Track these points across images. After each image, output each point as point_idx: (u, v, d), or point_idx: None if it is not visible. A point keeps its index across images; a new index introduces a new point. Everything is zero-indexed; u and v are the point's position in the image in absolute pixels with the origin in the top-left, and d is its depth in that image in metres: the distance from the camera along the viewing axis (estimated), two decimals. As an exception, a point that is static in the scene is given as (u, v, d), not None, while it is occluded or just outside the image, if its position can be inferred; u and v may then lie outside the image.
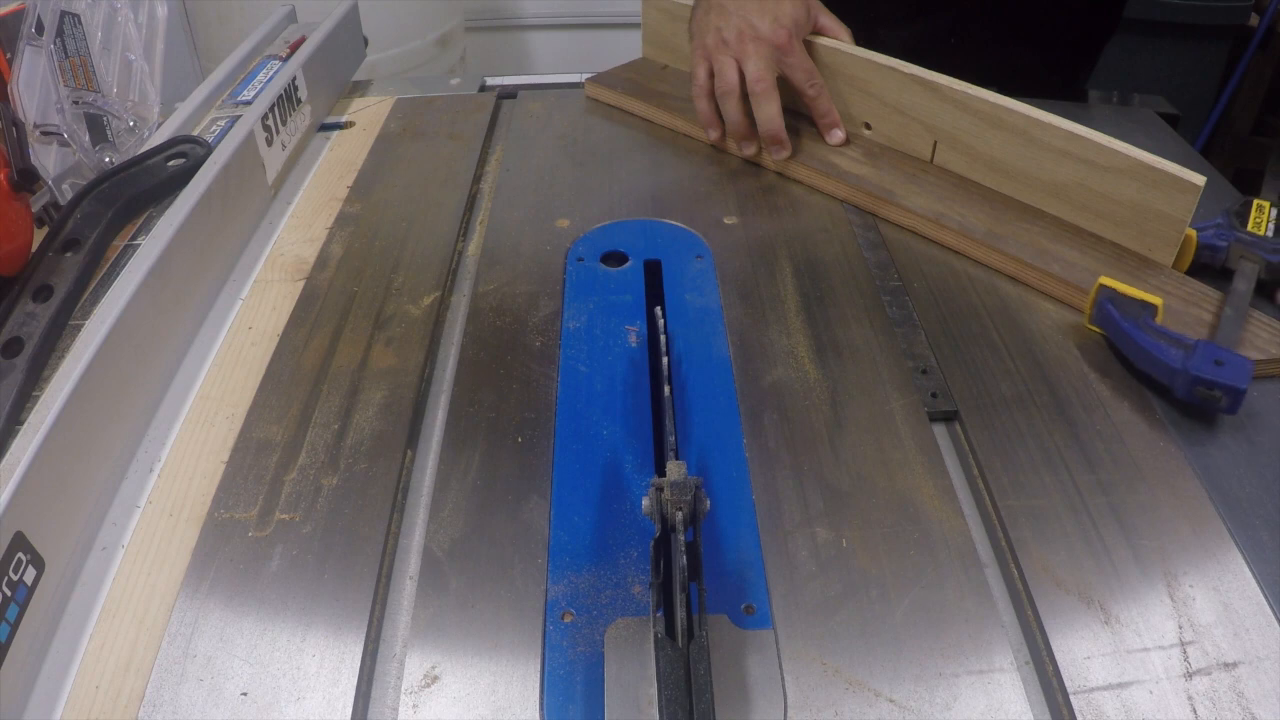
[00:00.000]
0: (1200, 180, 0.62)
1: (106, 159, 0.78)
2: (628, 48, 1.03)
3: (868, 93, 0.79)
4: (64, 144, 0.76)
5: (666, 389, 0.53)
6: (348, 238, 0.71)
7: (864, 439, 0.53)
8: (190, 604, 0.44)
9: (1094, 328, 0.61)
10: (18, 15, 0.75)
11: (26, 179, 0.68)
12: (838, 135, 0.81)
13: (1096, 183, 0.68)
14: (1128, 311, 0.58)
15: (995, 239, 0.68)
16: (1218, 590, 0.45)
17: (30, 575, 0.42)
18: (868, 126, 0.81)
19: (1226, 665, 0.42)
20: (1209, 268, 0.66)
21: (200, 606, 0.44)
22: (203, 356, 0.60)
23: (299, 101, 0.82)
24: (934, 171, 0.77)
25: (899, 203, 0.73)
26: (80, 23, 0.78)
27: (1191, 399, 0.54)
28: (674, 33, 0.93)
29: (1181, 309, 0.62)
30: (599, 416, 0.55)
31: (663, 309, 0.61)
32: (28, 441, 0.44)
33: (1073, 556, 0.47)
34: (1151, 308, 0.58)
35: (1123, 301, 0.59)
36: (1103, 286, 0.60)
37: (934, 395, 0.57)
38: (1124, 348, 0.58)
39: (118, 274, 0.56)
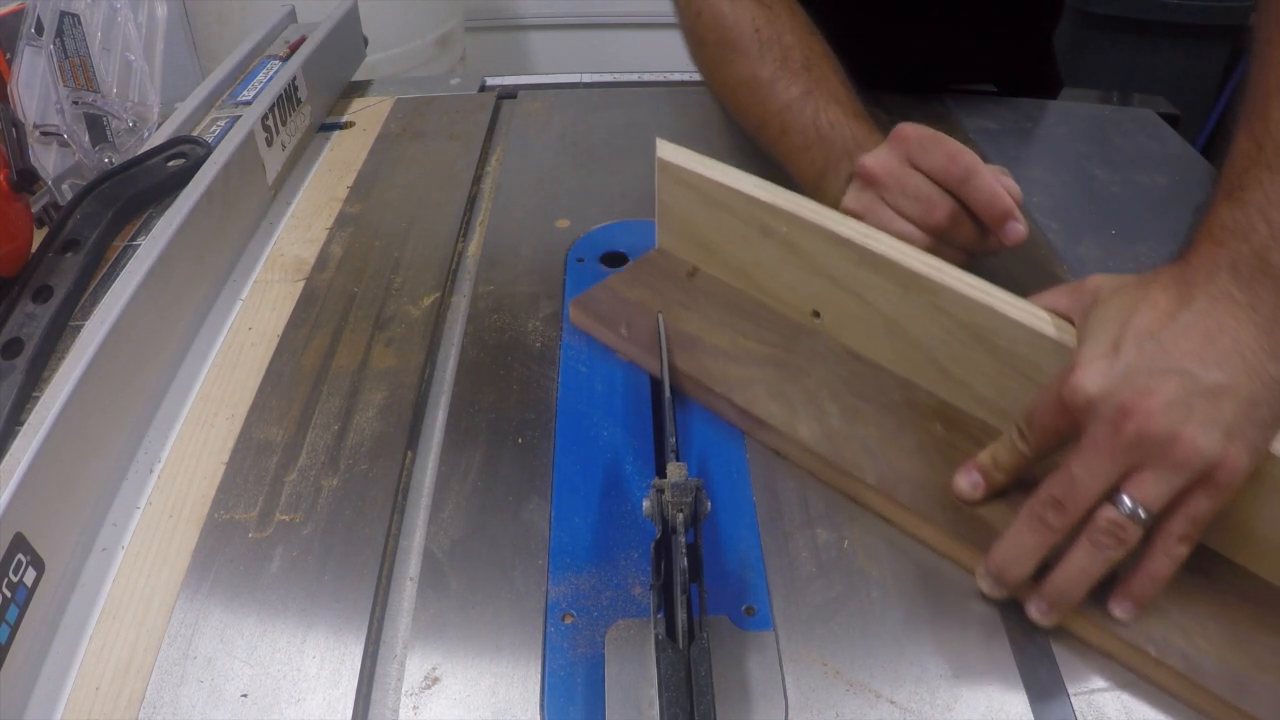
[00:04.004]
0: None
1: (106, 159, 0.77)
2: (628, 48, 1.02)
3: None
4: (64, 144, 0.75)
5: (667, 390, 0.53)
6: (348, 238, 0.71)
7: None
8: (190, 605, 0.44)
9: None
10: (17, 15, 0.75)
11: (26, 179, 0.68)
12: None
13: None
14: None
15: (1240, 689, 0.39)
16: (1219, 592, 0.45)
17: (30, 576, 0.42)
18: None
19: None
20: None
21: (200, 608, 0.44)
22: (203, 357, 0.60)
23: (299, 101, 0.82)
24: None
25: (1095, 620, 0.42)
26: (80, 23, 0.78)
27: None
28: (707, 222, 0.59)
29: None
30: (599, 417, 0.55)
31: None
32: (28, 442, 0.44)
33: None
34: None
35: None
36: None
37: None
38: None
39: (118, 274, 0.56)
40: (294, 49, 0.88)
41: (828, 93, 0.64)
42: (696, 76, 0.98)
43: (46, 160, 0.74)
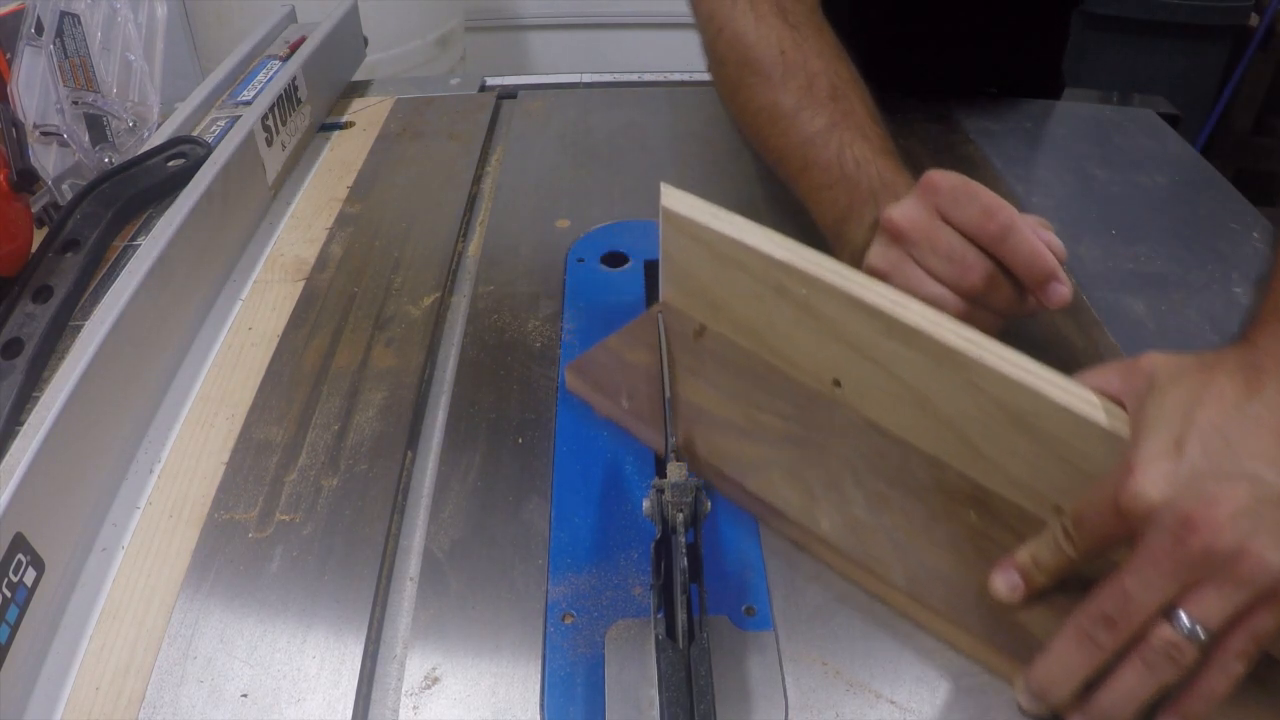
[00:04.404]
0: None
1: (106, 159, 0.77)
2: (628, 48, 1.01)
3: None
4: (64, 144, 0.75)
5: (667, 390, 0.53)
6: (348, 238, 0.71)
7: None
8: (190, 605, 0.44)
9: None
10: (17, 15, 0.75)
11: (26, 179, 0.68)
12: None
13: None
14: None
15: None
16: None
17: (30, 576, 0.42)
18: None
19: None
20: None
21: (200, 608, 0.44)
22: (203, 357, 0.60)
23: (299, 101, 0.82)
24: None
25: None
26: (80, 23, 0.78)
27: None
28: (716, 279, 0.54)
29: None
30: (599, 417, 0.54)
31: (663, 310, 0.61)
32: (28, 442, 0.44)
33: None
34: None
35: None
36: None
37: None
38: None
39: (118, 274, 0.56)
40: (294, 49, 0.88)
41: (854, 126, 0.59)
42: (696, 76, 0.99)
43: (46, 160, 0.74)
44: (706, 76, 0.98)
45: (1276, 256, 0.45)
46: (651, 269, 0.68)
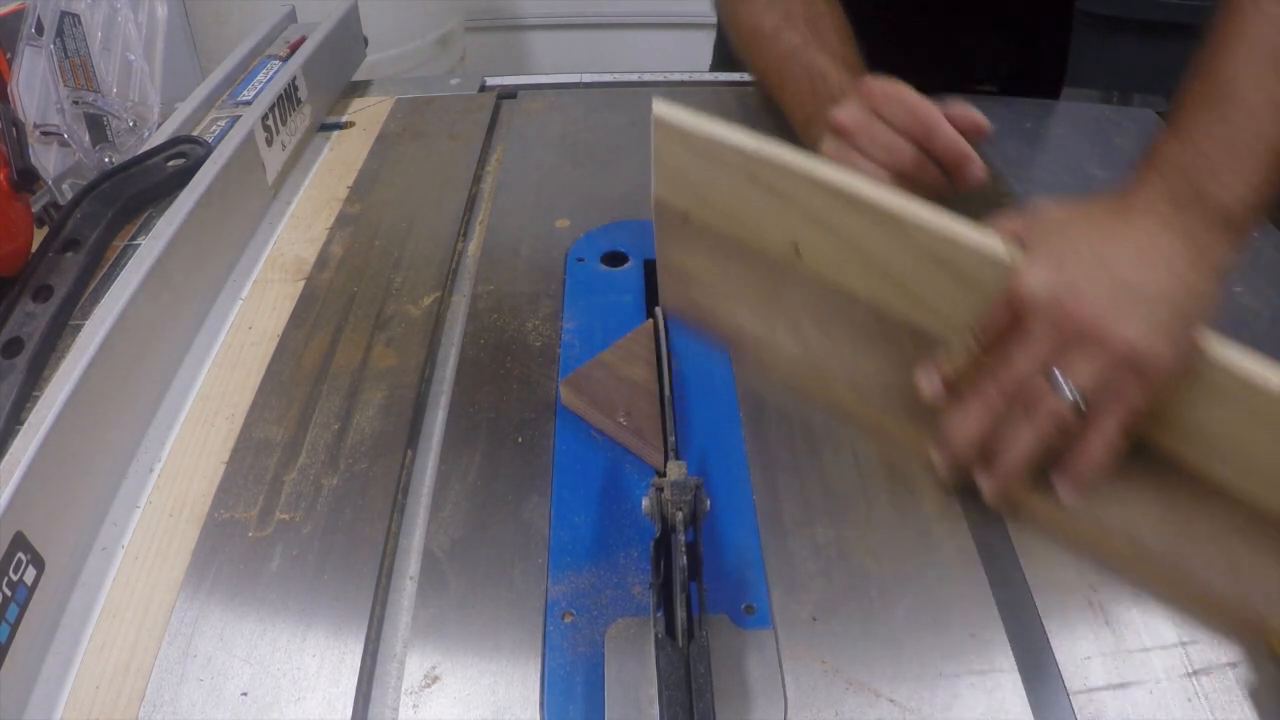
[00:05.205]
0: None
1: (106, 159, 0.78)
2: (628, 48, 1.01)
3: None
4: (64, 144, 0.75)
5: (667, 388, 0.53)
6: (348, 238, 0.71)
7: (865, 437, 0.53)
8: (190, 604, 0.44)
9: None
10: (18, 15, 0.75)
11: (26, 179, 0.68)
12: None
13: None
14: None
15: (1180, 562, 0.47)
16: (1218, 590, 0.45)
17: (30, 575, 0.42)
18: None
19: (1229, 664, 0.42)
20: None
21: (200, 607, 0.44)
22: (203, 356, 0.60)
23: (299, 101, 0.82)
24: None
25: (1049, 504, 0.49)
26: (80, 23, 0.78)
27: None
28: (698, 172, 0.60)
29: None
30: (599, 417, 0.55)
31: (663, 309, 0.61)
32: (28, 441, 0.44)
33: (1074, 556, 0.47)
34: None
35: None
36: None
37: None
38: None
39: (118, 274, 0.56)
40: (294, 49, 0.88)
41: (822, 44, 0.71)
42: (696, 76, 0.99)
43: (47, 160, 0.74)
44: (707, 76, 0.99)
45: (1166, 127, 0.54)
46: (651, 269, 0.68)
